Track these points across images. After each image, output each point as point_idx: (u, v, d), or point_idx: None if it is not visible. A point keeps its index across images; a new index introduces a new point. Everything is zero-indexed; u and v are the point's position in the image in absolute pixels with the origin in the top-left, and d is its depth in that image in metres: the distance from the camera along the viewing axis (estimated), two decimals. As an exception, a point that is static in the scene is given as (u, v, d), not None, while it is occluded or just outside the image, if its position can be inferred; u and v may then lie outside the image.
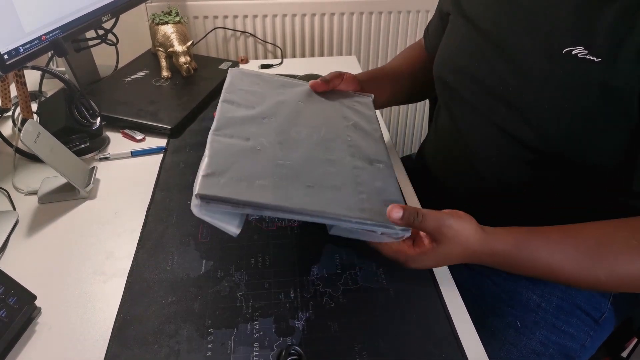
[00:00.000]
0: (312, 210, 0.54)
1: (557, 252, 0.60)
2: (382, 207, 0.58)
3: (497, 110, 0.70)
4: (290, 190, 0.56)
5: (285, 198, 0.55)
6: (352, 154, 0.66)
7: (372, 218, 0.56)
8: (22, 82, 0.94)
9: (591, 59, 0.60)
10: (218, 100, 0.71)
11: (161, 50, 1.14)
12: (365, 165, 0.65)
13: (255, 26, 1.53)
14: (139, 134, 0.95)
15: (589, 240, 0.61)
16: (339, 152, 0.66)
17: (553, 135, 0.64)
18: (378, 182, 0.63)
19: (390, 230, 0.57)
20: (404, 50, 1.03)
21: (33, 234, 0.73)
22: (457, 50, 0.78)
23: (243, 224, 0.57)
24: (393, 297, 0.62)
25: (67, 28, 0.93)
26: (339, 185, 0.60)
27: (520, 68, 0.67)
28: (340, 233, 0.60)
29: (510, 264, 0.61)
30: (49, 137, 0.77)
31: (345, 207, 0.56)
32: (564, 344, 0.75)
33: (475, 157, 0.76)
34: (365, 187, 0.61)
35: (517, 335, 0.75)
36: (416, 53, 0.99)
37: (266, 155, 0.61)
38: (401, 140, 1.87)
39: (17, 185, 0.83)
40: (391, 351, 0.56)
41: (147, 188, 0.81)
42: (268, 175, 0.57)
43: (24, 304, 0.58)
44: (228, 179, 0.55)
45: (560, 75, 0.63)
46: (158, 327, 0.58)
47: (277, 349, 0.56)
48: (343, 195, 0.58)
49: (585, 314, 0.77)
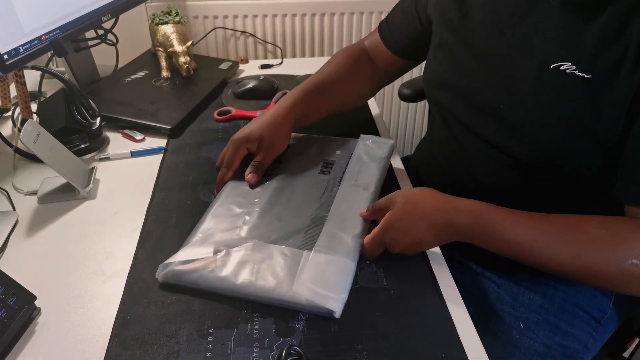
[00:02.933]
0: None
1: (523, 226, 0.62)
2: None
3: (487, 127, 0.71)
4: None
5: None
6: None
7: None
8: (21, 82, 0.94)
9: (580, 75, 0.60)
10: (217, 100, 0.71)
11: (161, 50, 1.14)
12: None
13: (255, 26, 1.53)
14: (139, 134, 0.95)
15: (557, 224, 0.62)
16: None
17: (544, 150, 0.65)
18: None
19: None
20: (338, 59, 0.91)
21: (33, 234, 0.73)
22: (449, 69, 0.77)
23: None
24: (393, 297, 0.62)
25: (66, 28, 0.93)
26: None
27: (512, 85, 0.67)
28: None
29: (475, 228, 0.63)
30: (49, 137, 0.77)
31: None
32: (567, 345, 0.75)
33: (470, 164, 0.77)
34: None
35: (519, 336, 0.74)
36: (355, 57, 0.92)
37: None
38: (401, 140, 1.87)
39: (16, 186, 0.83)
40: (391, 351, 0.55)
41: (147, 188, 0.81)
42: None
43: (23, 304, 0.58)
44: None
45: (549, 91, 0.63)
46: (158, 328, 0.58)
47: (277, 349, 0.55)
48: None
49: (587, 314, 0.77)
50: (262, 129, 0.76)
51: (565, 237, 0.61)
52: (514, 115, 0.67)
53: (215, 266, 0.62)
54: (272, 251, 0.65)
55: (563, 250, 0.60)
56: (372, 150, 0.81)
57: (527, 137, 0.66)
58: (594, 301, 0.77)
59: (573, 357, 0.76)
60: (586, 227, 0.61)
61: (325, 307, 0.58)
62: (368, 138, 0.84)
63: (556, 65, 0.62)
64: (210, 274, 0.62)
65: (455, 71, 0.76)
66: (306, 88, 0.83)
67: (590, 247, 0.59)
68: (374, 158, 0.79)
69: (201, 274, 0.62)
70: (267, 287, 0.60)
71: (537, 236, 0.61)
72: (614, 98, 0.59)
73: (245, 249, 0.65)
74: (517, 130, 0.67)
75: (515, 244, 0.61)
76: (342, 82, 0.87)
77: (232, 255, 0.64)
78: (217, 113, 1.01)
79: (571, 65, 0.61)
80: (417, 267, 0.66)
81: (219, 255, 0.64)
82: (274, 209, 0.71)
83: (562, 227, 0.61)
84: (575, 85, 0.61)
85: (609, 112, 0.59)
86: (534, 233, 0.61)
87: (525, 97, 0.65)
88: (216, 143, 0.93)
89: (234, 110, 1.01)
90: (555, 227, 0.61)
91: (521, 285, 0.77)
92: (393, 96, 1.74)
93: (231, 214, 0.71)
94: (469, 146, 0.75)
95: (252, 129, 0.77)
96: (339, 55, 0.92)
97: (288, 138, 0.80)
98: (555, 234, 0.61)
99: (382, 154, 0.80)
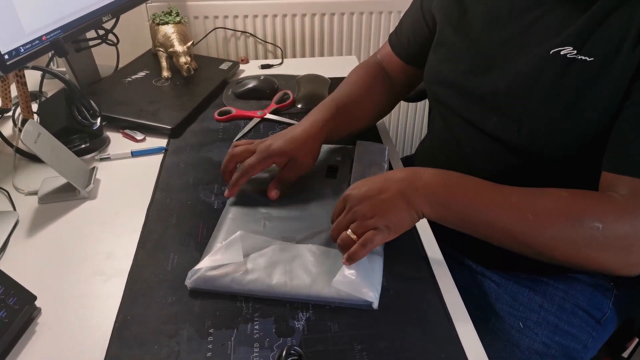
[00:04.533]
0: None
1: (484, 190, 0.61)
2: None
3: (488, 120, 0.71)
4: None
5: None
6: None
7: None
8: (22, 82, 0.94)
9: (582, 59, 0.61)
10: (218, 100, 0.71)
11: (161, 50, 1.15)
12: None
13: (255, 26, 1.53)
14: (139, 134, 0.95)
15: (520, 189, 0.61)
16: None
17: (545, 138, 0.65)
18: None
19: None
20: (357, 75, 0.92)
21: (33, 234, 0.73)
22: (449, 65, 0.77)
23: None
24: (393, 297, 0.62)
25: (67, 28, 0.93)
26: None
27: (511, 76, 0.67)
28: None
29: (442, 190, 0.61)
30: (50, 137, 0.77)
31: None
32: (567, 345, 0.75)
33: (470, 161, 0.77)
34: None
35: (519, 335, 0.75)
36: (373, 73, 0.92)
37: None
38: (401, 140, 1.87)
39: (17, 186, 0.83)
40: (391, 351, 0.55)
41: (147, 188, 0.81)
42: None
43: (24, 305, 0.58)
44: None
45: (549, 77, 0.64)
46: (158, 328, 0.58)
47: (277, 349, 0.56)
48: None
49: (587, 314, 0.77)
50: (295, 147, 0.74)
51: (528, 195, 0.60)
52: (514, 106, 0.67)
53: (245, 269, 0.63)
54: (300, 250, 0.66)
55: (524, 208, 0.59)
56: (371, 155, 0.83)
57: (528, 127, 0.66)
58: (594, 301, 0.77)
59: (572, 356, 0.76)
60: (546, 190, 0.61)
61: (364, 299, 0.59)
62: (364, 144, 0.86)
63: (556, 50, 0.63)
64: (242, 277, 0.62)
65: (455, 67, 0.76)
66: (334, 106, 0.81)
67: (551, 202, 0.59)
68: (375, 162, 0.82)
69: (233, 277, 0.62)
70: (303, 285, 0.61)
71: (499, 195, 0.61)
72: (614, 78, 0.59)
73: (272, 250, 0.66)
74: (518, 121, 0.67)
75: (479, 202, 0.60)
76: (364, 99, 0.87)
77: (262, 257, 0.64)
78: (218, 113, 1.01)
79: (572, 49, 0.61)
80: (417, 267, 0.66)
81: (248, 258, 0.64)
82: (291, 212, 0.72)
83: (522, 192, 0.61)
84: (577, 68, 0.61)
85: (608, 94, 0.60)
86: (495, 192, 0.61)
87: (524, 87, 0.66)
88: (217, 143, 0.93)
89: (234, 110, 1.02)
90: (515, 191, 0.61)
91: (521, 285, 0.77)
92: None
93: (249, 220, 0.71)
94: (470, 144, 0.76)
95: (284, 144, 0.73)
96: (358, 72, 0.92)
97: (316, 158, 0.78)
98: (517, 192, 0.61)
99: (381, 158, 0.83)
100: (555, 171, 0.68)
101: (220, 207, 0.76)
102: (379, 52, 0.96)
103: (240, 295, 0.62)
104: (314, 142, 0.76)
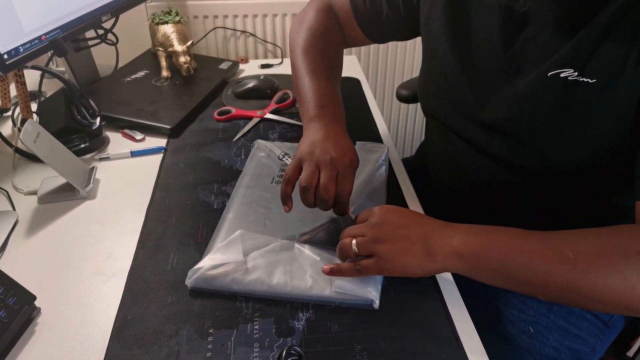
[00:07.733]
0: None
1: (520, 236, 0.57)
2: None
3: (491, 141, 0.69)
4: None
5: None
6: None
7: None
8: (21, 82, 0.93)
9: (585, 81, 0.58)
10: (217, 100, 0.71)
11: (161, 50, 1.14)
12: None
13: (255, 26, 1.53)
14: (139, 134, 0.95)
15: (557, 232, 0.56)
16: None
17: (555, 156, 0.63)
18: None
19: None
20: (323, 21, 0.88)
21: (33, 234, 0.73)
22: (447, 85, 0.74)
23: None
24: (393, 297, 0.62)
25: (66, 28, 0.93)
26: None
27: (510, 98, 0.66)
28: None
29: (472, 244, 0.57)
30: (49, 137, 0.77)
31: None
32: (577, 349, 0.75)
33: (469, 174, 0.75)
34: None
35: (530, 340, 0.74)
36: (335, 20, 0.89)
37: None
38: (401, 141, 1.87)
39: (16, 185, 0.83)
40: (391, 351, 0.55)
41: (147, 188, 0.81)
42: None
43: (23, 304, 0.58)
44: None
45: (551, 99, 0.61)
46: (158, 328, 0.58)
47: (277, 349, 0.56)
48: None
49: (595, 317, 0.76)
50: (351, 153, 0.68)
51: (562, 236, 0.56)
52: (517, 128, 0.65)
53: (246, 269, 0.63)
54: (301, 250, 0.66)
55: (564, 247, 0.54)
56: (372, 155, 0.83)
57: (536, 147, 0.64)
58: None
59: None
60: (577, 231, 0.56)
61: (366, 298, 0.59)
62: (364, 144, 0.86)
63: (555, 72, 0.60)
64: (243, 276, 0.62)
65: (454, 88, 0.73)
66: (325, 86, 0.78)
67: (587, 238, 0.55)
68: (375, 162, 0.82)
69: (233, 277, 0.62)
70: (304, 286, 0.61)
71: (532, 241, 0.56)
72: (620, 98, 0.57)
73: (273, 249, 0.65)
74: (524, 142, 0.65)
75: (512, 256, 0.56)
76: (336, 55, 0.87)
77: (262, 257, 0.64)
78: (217, 113, 1.01)
79: (573, 71, 0.59)
80: (417, 267, 0.66)
81: (248, 257, 0.64)
82: (292, 211, 0.71)
83: (554, 234, 0.56)
84: (580, 91, 0.59)
85: (615, 111, 0.58)
86: (528, 239, 0.56)
87: (526, 109, 0.64)
88: (216, 143, 0.93)
89: (234, 110, 1.01)
90: (546, 234, 0.56)
91: None
92: (392, 97, 1.74)
93: (250, 219, 0.71)
94: (472, 164, 0.73)
95: (342, 154, 0.67)
96: (320, 16, 0.87)
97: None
98: (550, 235, 0.56)
99: (382, 158, 0.83)
100: (562, 184, 0.67)
101: (220, 207, 0.76)
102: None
103: (240, 295, 0.62)
104: (349, 142, 0.71)
